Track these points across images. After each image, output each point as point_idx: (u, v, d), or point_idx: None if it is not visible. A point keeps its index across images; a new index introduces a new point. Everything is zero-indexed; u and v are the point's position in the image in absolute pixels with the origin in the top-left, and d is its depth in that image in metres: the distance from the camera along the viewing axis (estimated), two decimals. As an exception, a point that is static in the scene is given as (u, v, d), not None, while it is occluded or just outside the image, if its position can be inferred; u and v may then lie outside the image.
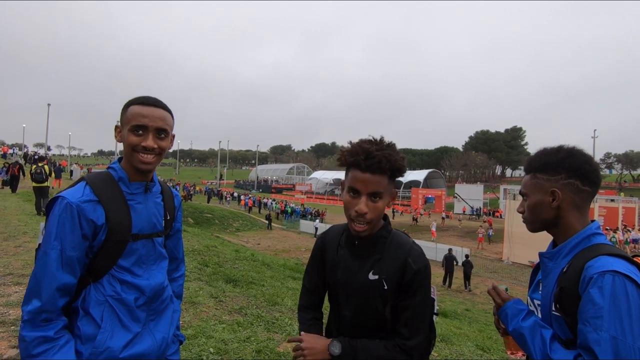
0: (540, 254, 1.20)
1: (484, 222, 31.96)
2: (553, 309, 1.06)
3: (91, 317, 1.10)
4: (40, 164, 10.17)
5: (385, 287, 1.17)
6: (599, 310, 0.91)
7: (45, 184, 9.92)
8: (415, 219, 34.26)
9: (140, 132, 1.15)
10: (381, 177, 1.12)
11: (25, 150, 41.89)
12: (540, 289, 1.16)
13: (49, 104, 39.92)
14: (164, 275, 1.30)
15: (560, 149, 1.15)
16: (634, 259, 1.03)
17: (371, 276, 1.19)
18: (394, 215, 37.97)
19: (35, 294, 1.02)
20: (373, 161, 1.10)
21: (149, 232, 1.22)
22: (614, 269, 0.94)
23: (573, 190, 1.10)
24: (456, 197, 46.92)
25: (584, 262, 1.00)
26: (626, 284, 0.92)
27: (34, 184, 9.97)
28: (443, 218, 34.00)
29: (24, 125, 50.67)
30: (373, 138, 1.17)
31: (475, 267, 18.10)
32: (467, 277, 13.95)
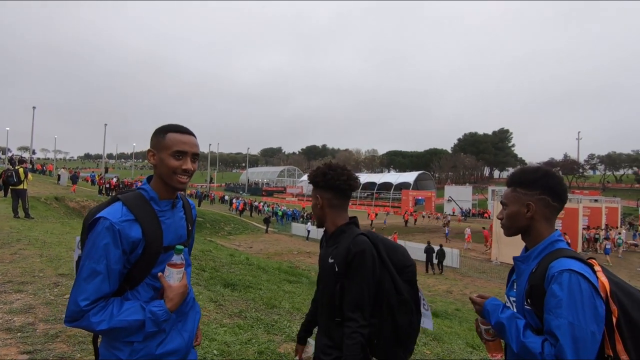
0: (514, 258, 1.40)
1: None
2: (525, 304, 1.25)
3: None
4: (17, 167, 10.35)
5: (337, 269, 1.51)
6: (559, 301, 1.12)
7: (20, 186, 10.06)
8: (406, 221, 34.64)
9: (181, 157, 1.32)
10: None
11: (10, 154, 41.01)
12: (515, 287, 1.36)
13: (34, 107, 39.12)
14: (189, 281, 1.44)
15: (538, 169, 1.37)
16: (589, 260, 1.23)
17: (329, 260, 1.56)
18: (406, 222, 35.94)
19: (83, 299, 1.15)
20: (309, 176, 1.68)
21: (176, 243, 1.37)
22: (570, 268, 1.15)
23: (544, 205, 1.31)
24: (449, 200, 47.62)
25: (548, 263, 1.21)
26: (579, 280, 1.13)
27: (10, 187, 10.30)
28: (447, 222, 32.47)
29: (8, 129, 49.69)
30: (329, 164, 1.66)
31: (465, 267, 18.55)
32: (440, 263, 17.62)
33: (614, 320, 1.13)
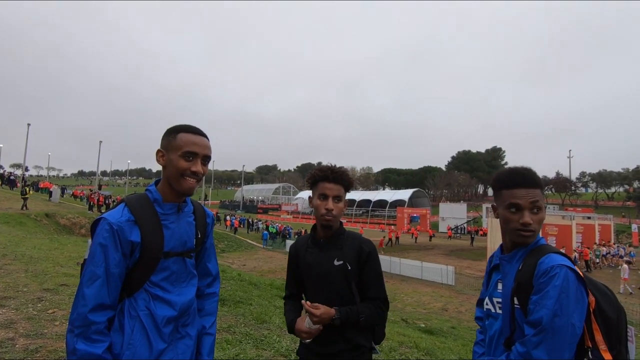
0: (501, 257, 1.39)
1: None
2: (515, 302, 1.25)
3: (122, 330, 1.17)
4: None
5: (349, 268, 1.57)
6: (546, 293, 1.14)
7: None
8: (395, 239, 32.98)
9: (191, 158, 1.25)
10: (340, 186, 1.61)
11: (2, 171, 40.56)
12: (500, 288, 1.35)
13: (28, 124, 39.09)
14: (193, 293, 1.37)
15: (532, 170, 1.34)
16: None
17: (336, 262, 1.58)
18: (395, 239, 33.31)
19: (83, 306, 1.09)
20: (336, 175, 1.60)
21: (180, 250, 1.30)
22: (560, 263, 1.18)
23: None
24: (442, 219, 47.75)
25: (537, 260, 1.22)
26: (568, 274, 1.15)
27: None
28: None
29: (1, 145, 49.38)
30: (332, 164, 1.68)
31: (460, 285, 18.42)
32: None
33: (591, 309, 1.15)
